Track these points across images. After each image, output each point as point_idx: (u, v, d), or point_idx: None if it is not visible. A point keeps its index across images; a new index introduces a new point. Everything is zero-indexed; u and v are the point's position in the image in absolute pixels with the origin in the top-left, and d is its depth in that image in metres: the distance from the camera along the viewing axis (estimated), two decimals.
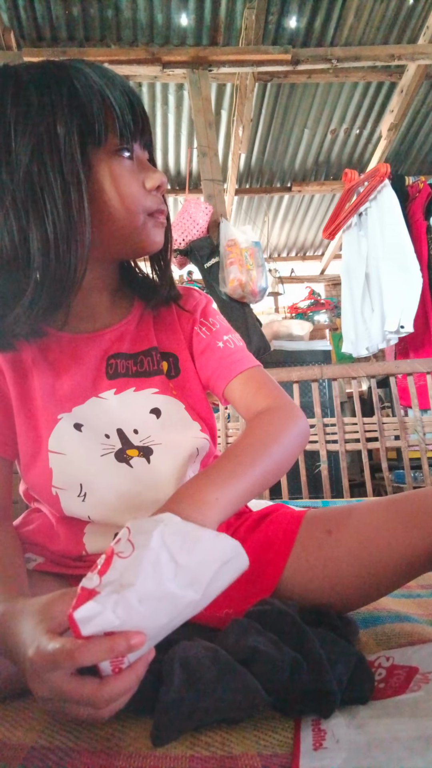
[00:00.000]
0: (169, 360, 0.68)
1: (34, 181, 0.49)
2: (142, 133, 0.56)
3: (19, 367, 0.62)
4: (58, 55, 2.47)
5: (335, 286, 4.91)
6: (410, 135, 3.54)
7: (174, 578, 0.36)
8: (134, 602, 0.35)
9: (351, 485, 1.98)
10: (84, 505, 0.59)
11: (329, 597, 0.58)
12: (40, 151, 0.49)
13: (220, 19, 2.62)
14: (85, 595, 0.35)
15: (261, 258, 2.33)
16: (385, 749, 0.36)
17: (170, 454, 0.62)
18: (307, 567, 0.59)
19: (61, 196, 0.50)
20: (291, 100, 3.12)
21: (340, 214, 2.70)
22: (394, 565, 0.55)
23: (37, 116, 0.49)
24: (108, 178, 0.53)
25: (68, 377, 0.62)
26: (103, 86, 0.51)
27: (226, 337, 0.69)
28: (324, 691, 0.42)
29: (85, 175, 0.51)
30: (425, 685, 0.44)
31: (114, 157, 0.53)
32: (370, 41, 2.78)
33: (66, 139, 0.49)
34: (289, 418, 0.60)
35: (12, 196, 0.50)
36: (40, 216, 0.50)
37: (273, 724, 0.43)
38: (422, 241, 2.57)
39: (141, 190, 0.56)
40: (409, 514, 0.56)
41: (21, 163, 0.49)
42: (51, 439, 0.59)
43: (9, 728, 0.43)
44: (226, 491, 0.48)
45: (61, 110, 0.49)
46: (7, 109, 0.49)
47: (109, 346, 0.64)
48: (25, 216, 0.50)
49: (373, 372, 1.80)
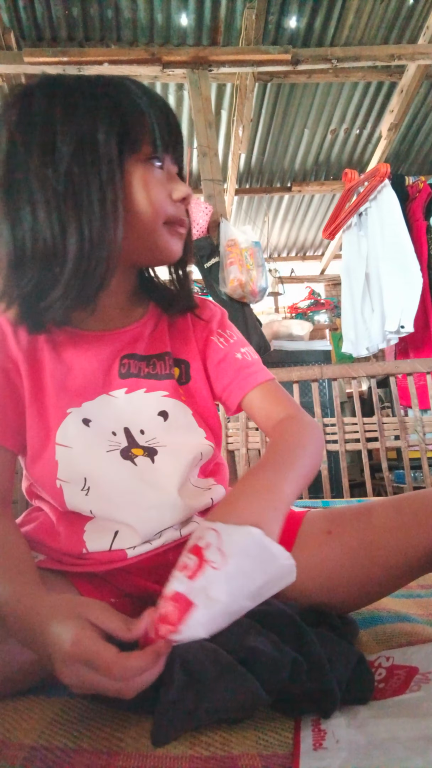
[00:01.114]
0: (181, 366, 0.69)
1: (74, 179, 0.53)
2: (175, 147, 0.60)
3: (34, 360, 0.63)
4: (58, 55, 2.46)
5: (335, 286, 4.91)
6: (410, 135, 3.54)
7: (248, 596, 0.40)
8: (218, 616, 0.39)
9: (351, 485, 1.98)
10: (87, 499, 0.59)
11: (329, 597, 0.58)
12: (82, 152, 0.53)
13: (220, 19, 2.62)
14: (184, 604, 0.38)
15: (261, 258, 2.33)
16: (385, 749, 0.36)
17: (174, 457, 0.63)
18: (307, 567, 0.59)
19: (98, 195, 0.53)
20: (291, 100, 3.12)
21: (340, 214, 2.70)
22: (395, 566, 0.55)
23: (82, 120, 0.53)
24: (139, 183, 0.56)
25: (80, 373, 0.63)
26: (143, 100, 0.56)
27: (244, 349, 0.71)
28: (324, 691, 0.42)
29: (120, 177, 0.55)
30: (425, 685, 0.44)
31: (146, 165, 0.57)
32: (370, 41, 2.78)
33: (106, 143, 0.53)
34: (309, 427, 0.63)
35: (53, 192, 0.53)
36: (78, 212, 0.53)
37: (273, 724, 0.43)
38: (422, 241, 2.57)
39: (167, 199, 0.59)
40: (409, 514, 0.56)
41: (63, 161, 0.52)
42: (59, 432, 0.60)
43: (9, 728, 0.43)
44: (292, 487, 0.51)
45: (104, 117, 0.53)
46: (55, 111, 0.53)
47: (123, 346, 0.66)
48: (65, 212, 0.53)
49: (373, 372, 1.80)
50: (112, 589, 0.61)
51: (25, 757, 0.39)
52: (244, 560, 0.39)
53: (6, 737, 0.42)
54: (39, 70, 2.47)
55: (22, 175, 0.53)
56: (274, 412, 0.65)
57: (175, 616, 0.39)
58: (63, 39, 2.67)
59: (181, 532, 0.62)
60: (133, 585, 0.61)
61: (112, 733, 0.42)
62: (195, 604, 0.37)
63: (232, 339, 0.72)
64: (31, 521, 0.65)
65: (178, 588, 0.39)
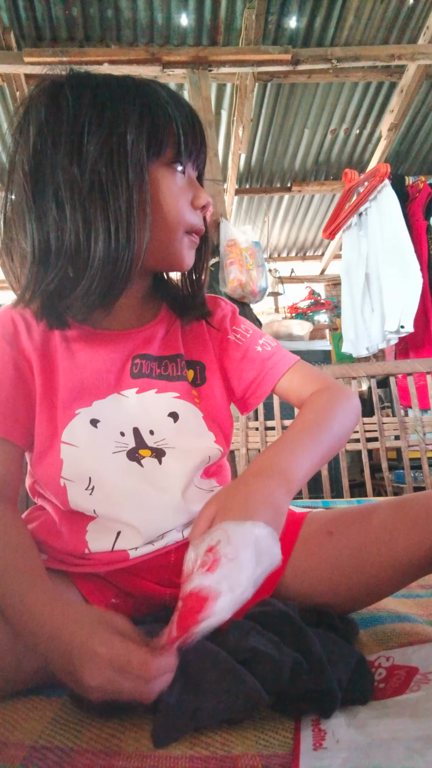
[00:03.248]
0: (196, 368, 0.69)
1: (101, 179, 0.53)
2: (198, 153, 0.60)
3: (47, 357, 0.63)
4: (58, 55, 2.47)
5: (335, 286, 4.91)
6: (410, 135, 3.54)
7: (255, 582, 0.43)
8: (239, 601, 0.42)
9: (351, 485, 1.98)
10: (91, 498, 0.59)
11: (330, 598, 0.58)
12: (110, 153, 0.53)
13: (220, 19, 2.62)
14: (211, 594, 0.41)
15: (261, 258, 2.33)
16: (385, 749, 0.36)
17: (182, 459, 0.63)
18: (308, 568, 0.59)
19: (125, 196, 0.53)
20: (291, 100, 3.12)
21: (340, 214, 2.70)
22: (396, 567, 0.55)
23: (111, 119, 0.53)
24: (162, 187, 0.57)
25: (93, 371, 0.62)
26: (170, 104, 0.56)
27: (262, 340, 0.71)
28: (324, 691, 0.42)
29: (146, 180, 0.55)
30: (425, 686, 0.44)
31: (168, 169, 0.57)
32: (370, 41, 2.78)
33: (134, 144, 0.53)
34: (342, 394, 0.64)
35: (80, 191, 0.53)
36: (104, 213, 0.53)
37: (273, 724, 0.43)
38: (422, 241, 2.57)
39: (187, 205, 0.59)
40: (411, 515, 0.56)
41: (90, 160, 0.53)
42: (66, 431, 0.60)
43: (9, 728, 0.43)
44: (305, 465, 0.54)
45: (132, 117, 0.54)
46: (84, 109, 0.53)
47: (135, 346, 0.65)
48: (90, 212, 0.53)
49: (373, 372, 1.80)
50: (114, 590, 0.61)
51: (25, 757, 0.39)
52: (252, 551, 0.43)
53: (6, 737, 0.41)
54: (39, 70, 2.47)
55: (49, 172, 0.53)
56: (304, 389, 0.67)
57: (203, 605, 0.41)
58: (63, 39, 2.67)
59: (183, 534, 0.62)
60: (134, 585, 0.61)
61: (112, 733, 0.42)
62: (220, 592, 0.41)
63: (248, 333, 0.72)
64: (33, 520, 0.65)
65: (203, 582, 0.42)
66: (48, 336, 0.63)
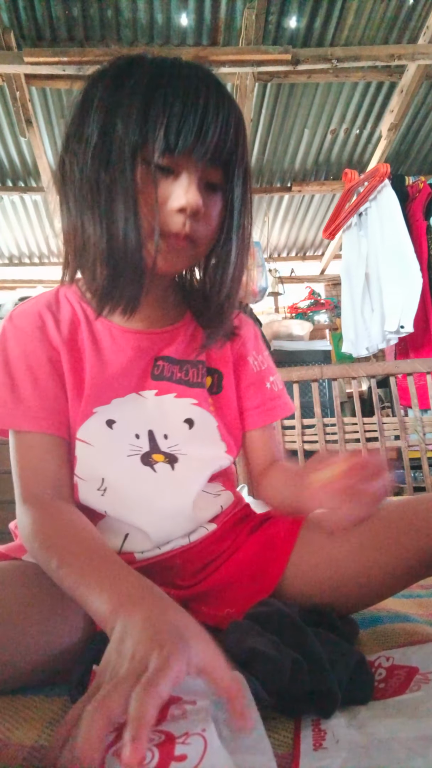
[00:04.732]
0: (214, 376, 0.69)
1: (92, 172, 0.52)
2: (196, 149, 0.51)
3: (75, 352, 0.62)
4: (58, 55, 2.46)
5: (335, 286, 4.90)
6: (410, 135, 3.54)
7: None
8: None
9: None
10: (102, 499, 0.59)
11: (330, 598, 0.58)
12: (101, 144, 0.51)
13: (220, 19, 2.61)
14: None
15: (261, 258, 2.34)
16: (385, 749, 0.36)
17: (193, 468, 0.63)
18: (308, 568, 0.59)
19: (105, 194, 0.52)
20: (291, 100, 3.12)
21: (340, 214, 2.70)
22: (398, 567, 0.55)
23: (108, 107, 0.51)
24: (140, 184, 0.52)
25: (116, 368, 0.62)
26: (165, 89, 0.50)
27: (272, 378, 0.73)
28: (324, 691, 0.42)
29: (129, 176, 0.51)
30: (425, 685, 0.44)
31: (148, 166, 0.52)
32: (370, 41, 2.78)
33: (122, 136, 0.51)
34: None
35: (80, 184, 0.53)
36: (92, 207, 0.53)
37: (273, 724, 0.43)
38: (422, 241, 2.57)
39: (163, 206, 0.53)
40: (412, 517, 0.56)
41: (85, 153, 0.52)
42: (81, 429, 0.60)
43: (9, 728, 0.43)
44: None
45: (121, 110, 0.51)
46: (94, 97, 0.53)
47: (158, 347, 0.65)
48: (83, 204, 0.53)
49: (373, 372, 1.80)
50: None
51: (25, 757, 0.39)
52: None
53: (6, 737, 0.41)
54: (39, 71, 2.48)
55: (68, 163, 0.54)
56: (270, 455, 0.71)
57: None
58: (63, 39, 2.66)
59: (189, 539, 0.62)
60: None
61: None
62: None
63: (263, 366, 0.73)
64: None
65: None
66: (75, 330, 0.63)
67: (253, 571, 0.62)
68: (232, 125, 0.53)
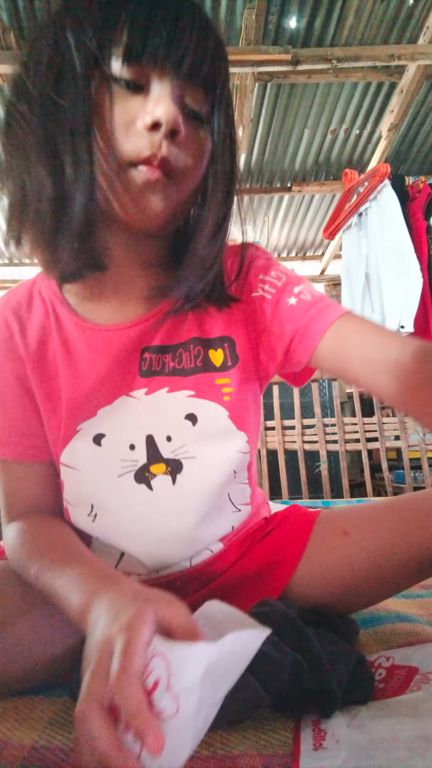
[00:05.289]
0: (224, 346, 0.56)
1: (41, 99, 0.43)
2: (168, 56, 0.42)
3: (44, 366, 0.56)
4: None
5: (335, 286, 4.91)
6: (410, 135, 3.54)
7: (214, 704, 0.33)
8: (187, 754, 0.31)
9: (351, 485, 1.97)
10: (93, 525, 0.55)
11: (340, 598, 0.57)
12: (50, 68, 0.43)
13: (220, 19, 2.61)
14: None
15: None
16: (385, 749, 0.36)
17: (200, 475, 0.55)
18: (321, 569, 0.57)
19: (57, 124, 0.43)
20: (291, 100, 3.12)
21: (340, 214, 2.70)
22: (409, 567, 0.54)
23: (57, 25, 0.43)
24: (99, 104, 0.43)
25: (95, 374, 0.54)
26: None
27: (298, 288, 0.54)
28: (324, 691, 0.42)
29: (84, 97, 0.42)
30: (425, 685, 0.44)
31: (106, 81, 0.43)
32: (370, 41, 2.78)
33: (71, 53, 0.42)
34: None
35: (27, 119, 0.44)
36: (43, 144, 0.44)
37: (273, 724, 0.43)
38: (422, 241, 2.57)
39: (131, 127, 0.43)
40: (424, 514, 0.55)
41: (34, 80, 0.43)
42: (65, 452, 0.55)
43: (9, 728, 0.43)
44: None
45: (75, 20, 0.42)
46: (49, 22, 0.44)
47: (143, 337, 0.55)
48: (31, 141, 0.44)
49: None
50: None
51: (25, 757, 0.39)
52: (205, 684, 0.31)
53: (6, 737, 0.41)
54: None
55: (15, 104, 0.45)
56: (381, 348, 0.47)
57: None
58: None
59: (191, 562, 0.57)
60: None
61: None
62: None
63: (280, 281, 0.55)
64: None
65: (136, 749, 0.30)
66: (45, 339, 0.56)
67: (262, 574, 0.59)
68: (211, 37, 0.44)
